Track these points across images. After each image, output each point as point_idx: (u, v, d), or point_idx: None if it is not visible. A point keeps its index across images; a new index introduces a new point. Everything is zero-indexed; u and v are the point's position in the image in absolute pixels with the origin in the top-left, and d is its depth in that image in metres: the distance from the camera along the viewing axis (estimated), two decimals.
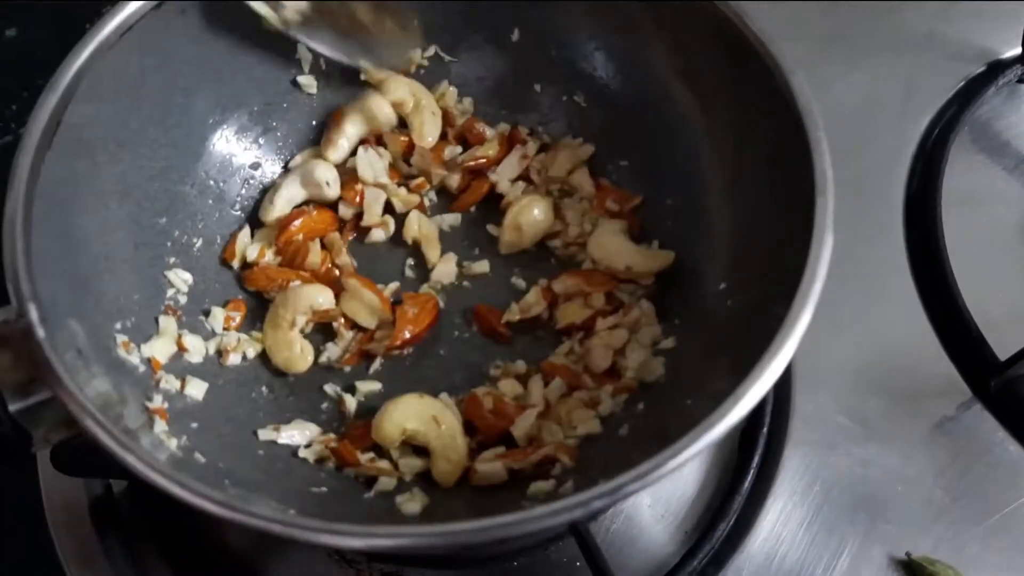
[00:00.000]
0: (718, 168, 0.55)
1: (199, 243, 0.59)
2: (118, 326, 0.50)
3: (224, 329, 0.58)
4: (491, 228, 0.63)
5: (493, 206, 0.63)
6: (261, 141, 0.63)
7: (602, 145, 0.64)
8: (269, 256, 0.61)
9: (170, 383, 0.51)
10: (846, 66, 0.77)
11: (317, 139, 0.65)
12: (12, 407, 0.41)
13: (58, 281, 0.45)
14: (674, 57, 0.56)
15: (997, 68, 0.77)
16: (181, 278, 0.57)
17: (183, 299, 0.57)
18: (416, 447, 0.53)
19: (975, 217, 0.70)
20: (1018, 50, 0.76)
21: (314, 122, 0.65)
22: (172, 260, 0.57)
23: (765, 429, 0.60)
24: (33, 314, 0.41)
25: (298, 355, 0.57)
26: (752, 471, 0.59)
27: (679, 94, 0.57)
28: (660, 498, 0.59)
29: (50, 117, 0.46)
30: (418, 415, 0.53)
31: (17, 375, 0.41)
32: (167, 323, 0.54)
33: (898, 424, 0.61)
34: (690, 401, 0.46)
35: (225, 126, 0.61)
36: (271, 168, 0.64)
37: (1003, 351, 0.61)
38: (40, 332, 0.40)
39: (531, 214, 0.61)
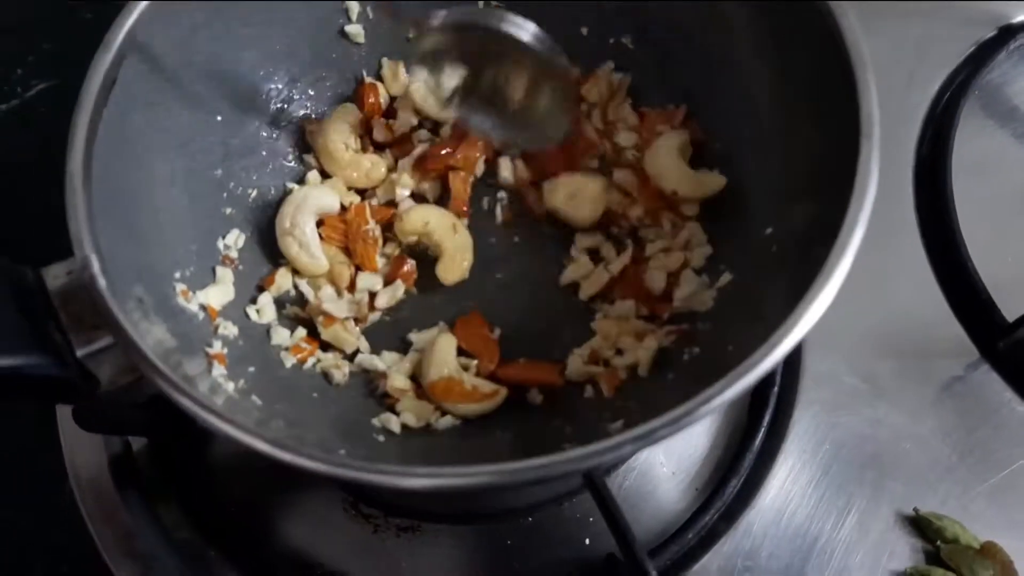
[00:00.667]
0: (767, 111, 0.55)
1: (254, 194, 0.61)
2: (177, 275, 0.51)
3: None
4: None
5: None
6: (311, 92, 0.63)
7: (650, 86, 0.63)
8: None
9: (228, 329, 0.53)
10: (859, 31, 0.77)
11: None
12: (79, 352, 0.42)
13: (118, 234, 0.45)
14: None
15: (1008, 33, 0.77)
16: (233, 239, 0.58)
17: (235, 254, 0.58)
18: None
19: (984, 181, 0.70)
20: None
21: (364, 71, 0.65)
22: (228, 211, 0.58)
23: (776, 388, 0.61)
24: (95, 265, 0.41)
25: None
26: (763, 429, 0.60)
27: (729, 35, 0.56)
28: (673, 455, 0.60)
29: (105, 74, 0.47)
30: (438, 220, 0.59)
31: (82, 322, 0.42)
32: (224, 273, 0.56)
33: (907, 384, 0.62)
34: (731, 348, 0.47)
35: (276, 78, 0.61)
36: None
37: (1011, 313, 0.61)
38: (102, 282, 0.41)
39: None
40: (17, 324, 0.41)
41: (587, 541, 0.57)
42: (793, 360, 0.62)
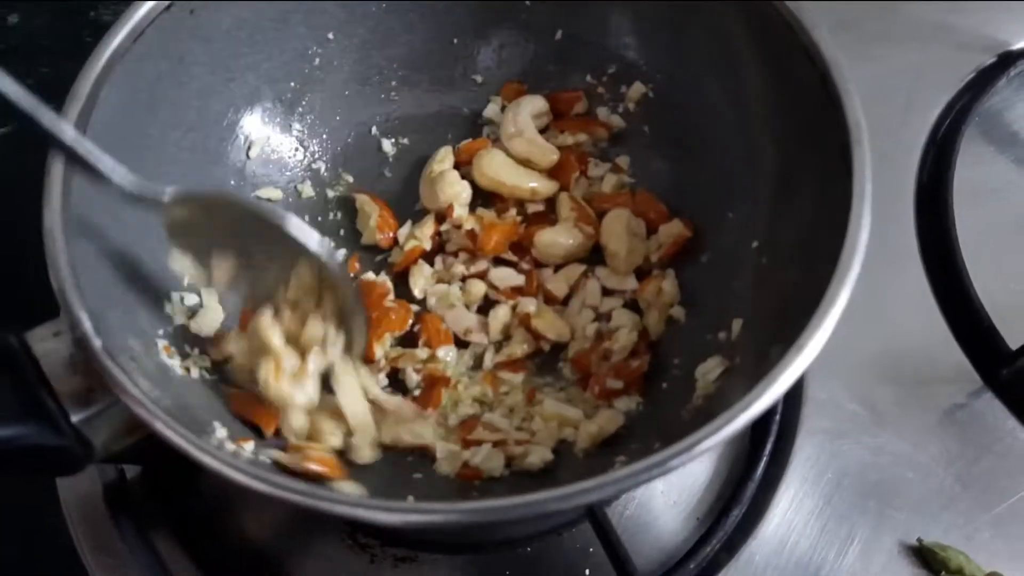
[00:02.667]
0: (754, 132, 0.56)
1: None
2: (160, 332, 0.51)
3: None
4: None
5: None
6: (295, 126, 0.64)
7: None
8: None
9: None
10: (857, 56, 0.77)
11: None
12: (74, 418, 0.41)
13: (102, 291, 0.45)
14: (700, 23, 0.57)
15: (1008, 59, 0.78)
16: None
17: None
18: None
19: (986, 208, 0.71)
20: None
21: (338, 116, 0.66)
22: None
23: (778, 416, 0.60)
24: (87, 324, 0.41)
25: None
26: (764, 458, 0.59)
27: (706, 62, 0.58)
28: (673, 485, 0.60)
29: (75, 126, 0.46)
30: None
31: (75, 386, 0.41)
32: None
33: (909, 412, 0.62)
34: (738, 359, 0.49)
35: (241, 126, 0.61)
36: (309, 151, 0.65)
37: (1014, 341, 0.62)
38: (96, 342, 0.40)
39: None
40: (8, 394, 0.40)
41: (587, 572, 0.57)
42: (795, 388, 0.61)
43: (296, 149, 0.64)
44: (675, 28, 0.59)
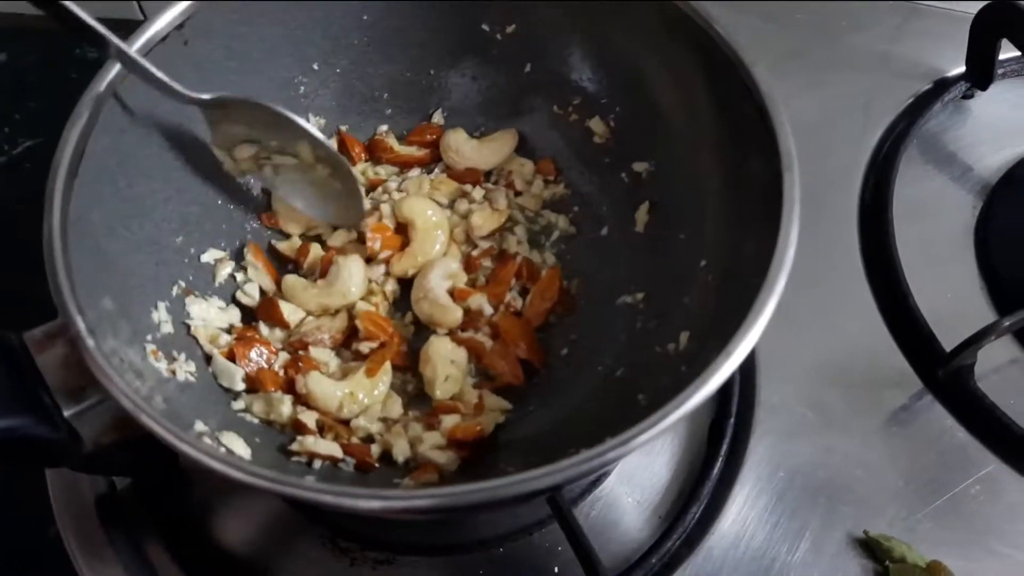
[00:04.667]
0: (702, 159, 0.59)
1: (209, 258, 0.62)
2: (148, 337, 0.53)
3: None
4: None
5: None
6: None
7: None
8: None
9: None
10: (803, 84, 0.82)
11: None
12: (67, 412, 0.44)
13: (96, 296, 0.48)
14: (653, 58, 0.61)
15: (943, 85, 0.82)
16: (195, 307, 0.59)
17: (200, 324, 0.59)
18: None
19: (924, 222, 0.74)
20: (962, 69, 0.81)
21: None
22: (191, 277, 0.60)
23: (732, 419, 0.63)
24: (80, 325, 0.43)
25: None
26: (721, 459, 0.62)
27: (660, 93, 0.62)
28: (637, 485, 0.63)
29: (75, 146, 0.49)
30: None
31: (68, 383, 0.44)
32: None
33: (856, 414, 0.65)
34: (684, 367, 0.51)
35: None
36: None
37: (950, 344, 0.64)
38: (89, 342, 0.43)
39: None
40: (7, 388, 0.43)
41: (556, 570, 0.59)
42: (748, 392, 0.66)
43: None
44: (633, 64, 0.62)
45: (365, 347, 0.60)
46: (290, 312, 0.61)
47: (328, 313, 0.62)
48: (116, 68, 0.53)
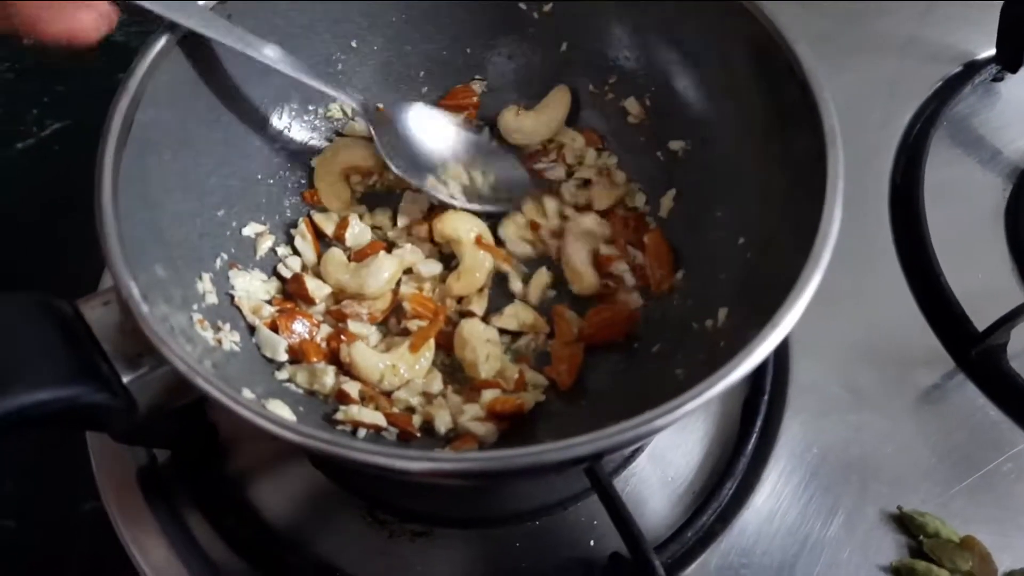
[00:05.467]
0: (741, 136, 0.60)
1: (250, 231, 0.63)
2: (195, 307, 0.54)
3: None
4: None
5: None
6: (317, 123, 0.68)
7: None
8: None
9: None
10: (833, 67, 0.81)
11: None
12: (125, 379, 0.44)
13: (146, 263, 0.48)
14: (694, 35, 0.61)
15: (973, 68, 0.82)
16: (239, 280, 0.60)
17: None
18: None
19: (955, 204, 0.75)
20: (992, 51, 0.81)
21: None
22: (233, 250, 0.60)
23: (766, 397, 0.64)
24: (134, 291, 0.44)
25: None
26: (754, 435, 0.63)
27: (700, 71, 0.63)
28: (671, 463, 0.63)
29: (123, 118, 0.50)
30: (470, 229, 0.64)
31: (125, 350, 0.44)
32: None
33: (888, 393, 0.66)
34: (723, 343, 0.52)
35: (274, 120, 0.65)
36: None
37: (981, 324, 0.65)
38: (144, 308, 0.43)
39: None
40: (67, 356, 0.43)
41: (591, 543, 0.60)
42: (781, 371, 0.66)
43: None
44: (671, 42, 0.63)
45: (413, 324, 0.61)
46: (315, 288, 0.62)
47: (347, 296, 0.63)
48: (162, 42, 0.53)
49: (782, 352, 0.67)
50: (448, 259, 0.66)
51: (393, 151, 0.64)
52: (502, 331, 0.62)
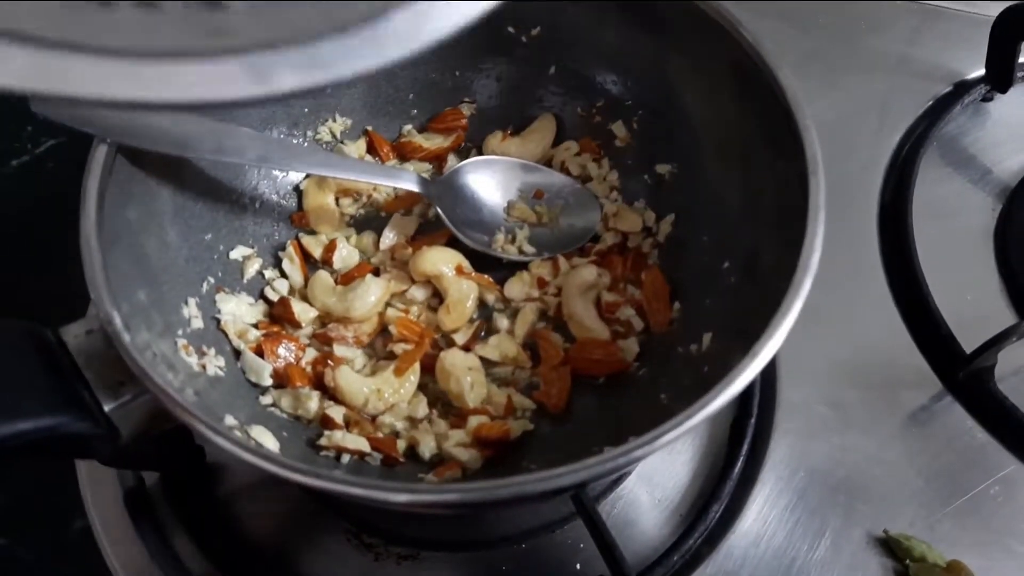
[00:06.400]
0: (726, 160, 0.60)
1: (237, 255, 0.63)
2: (179, 332, 0.54)
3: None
4: None
5: None
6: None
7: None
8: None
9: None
10: (823, 86, 0.83)
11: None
12: (107, 407, 0.44)
13: (129, 290, 0.49)
14: (680, 61, 0.62)
15: (963, 88, 0.82)
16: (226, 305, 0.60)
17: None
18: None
19: (943, 224, 0.75)
20: (982, 71, 0.82)
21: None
22: (220, 273, 0.61)
23: (753, 419, 0.64)
24: (117, 321, 0.44)
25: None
26: (741, 458, 0.63)
27: (685, 96, 0.63)
28: (657, 485, 0.63)
29: (109, 144, 0.50)
30: (448, 262, 0.63)
31: (107, 378, 0.44)
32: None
33: (875, 414, 0.66)
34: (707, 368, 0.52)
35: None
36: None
37: (969, 346, 0.65)
38: (126, 337, 0.43)
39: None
40: (48, 385, 0.43)
41: (578, 566, 0.60)
42: (768, 392, 0.66)
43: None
44: (658, 68, 0.63)
45: (399, 348, 0.61)
46: (301, 311, 0.62)
47: (333, 319, 0.63)
48: None
49: (769, 373, 0.67)
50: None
51: (460, 221, 0.65)
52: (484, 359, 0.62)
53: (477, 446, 0.57)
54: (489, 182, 0.67)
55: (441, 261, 0.63)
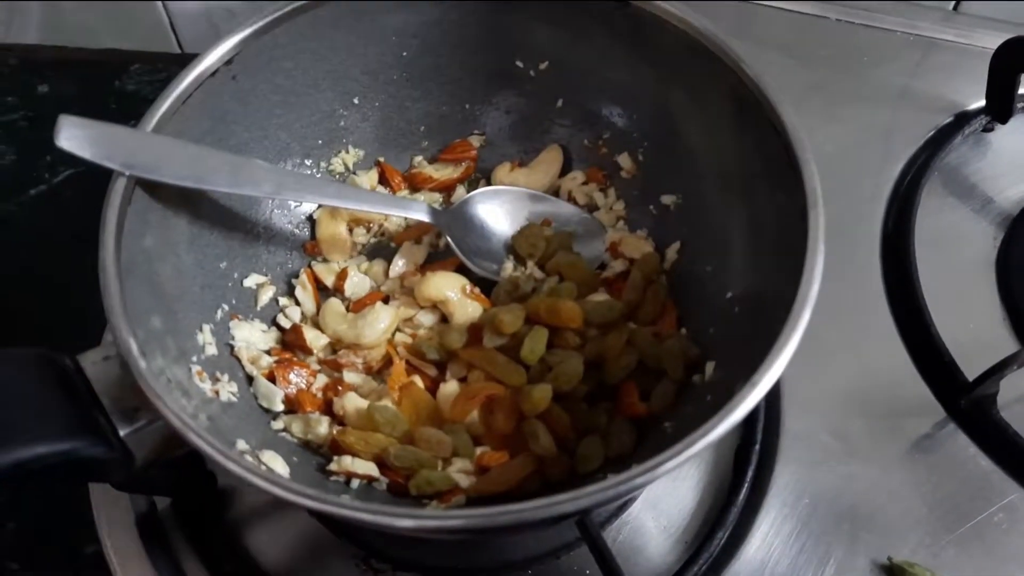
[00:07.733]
0: (729, 191, 0.61)
1: (252, 283, 0.65)
2: (194, 359, 0.55)
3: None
4: None
5: None
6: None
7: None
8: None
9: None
10: (825, 118, 0.84)
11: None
12: (122, 432, 0.46)
13: (145, 317, 0.50)
14: (683, 95, 0.63)
15: (964, 119, 0.83)
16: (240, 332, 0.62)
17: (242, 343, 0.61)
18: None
19: (945, 253, 0.75)
20: (982, 102, 0.83)
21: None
22: (234, 301, 0.62)
23: (757, 447, 0.64)
24: (133, 347, 0.45)
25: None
26: (746, 485, 0.63)
27: (689, 129, 0.64)
28: (663, 512, 0.64)
29: (128, 176, 0.52)
30: (452, 287, 0.64)
31: (123, 404, 0.46)
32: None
33: (878, 442, 0.66)
34: (709, 397, 0.53)
35: None
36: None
37: (972, 374, 0.65)
38: (142, 364, 0.45)
39: None
40: (66, 411, 0.45)
41: None
42: (773, 420, 0.67)
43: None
44: (662, 102, 0.65)
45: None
46: (313, 338, 0.64)
47: (344, 346, 0.64)
48: (166, 105, 0.55)
49: (774, 401, 0.68)
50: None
51: (470, 250, 0.67)
52: None
53: (479, 474, 0.57)
54: (498, 211, 0.69)
55: (446, 286, 0.65)
